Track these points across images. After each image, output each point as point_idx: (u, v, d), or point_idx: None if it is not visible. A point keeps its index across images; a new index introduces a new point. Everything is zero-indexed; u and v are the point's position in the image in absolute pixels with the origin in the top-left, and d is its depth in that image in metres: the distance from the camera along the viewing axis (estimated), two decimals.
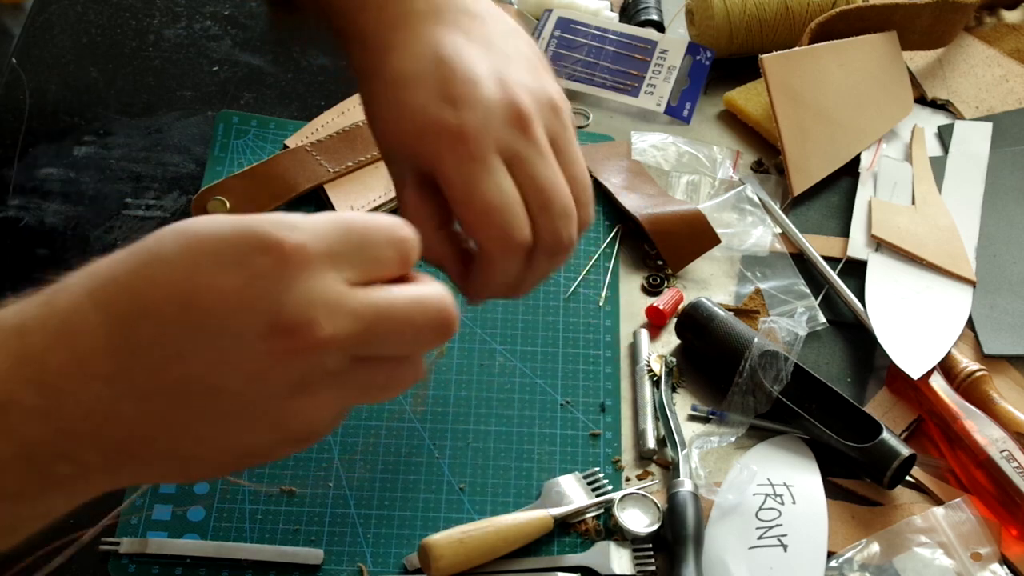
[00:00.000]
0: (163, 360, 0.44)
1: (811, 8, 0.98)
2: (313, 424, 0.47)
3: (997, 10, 1.07)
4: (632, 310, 0.83)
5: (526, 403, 0.77)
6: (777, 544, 0.71)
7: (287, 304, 0.44)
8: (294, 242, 0.44)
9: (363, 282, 0.47)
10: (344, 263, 0.46)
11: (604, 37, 0.99)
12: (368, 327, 0.46)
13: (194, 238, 0.45)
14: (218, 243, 0.44)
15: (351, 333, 0.45)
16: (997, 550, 0.71)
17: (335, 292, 0.45)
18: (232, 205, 0.85)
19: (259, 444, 0.47)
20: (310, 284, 0.44)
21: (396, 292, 0.47)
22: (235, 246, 0.44)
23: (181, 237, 0.45)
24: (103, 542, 0.69)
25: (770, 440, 0.77)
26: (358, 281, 0.46)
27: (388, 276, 0.48)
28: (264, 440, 0.47)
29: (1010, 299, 0.85)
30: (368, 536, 0.71)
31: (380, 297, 0.46)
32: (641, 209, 0.86)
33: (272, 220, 0.45)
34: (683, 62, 0.97)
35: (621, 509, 0.71)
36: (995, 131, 0.96)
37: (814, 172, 0.91)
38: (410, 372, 0.49)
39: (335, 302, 0.45)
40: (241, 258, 0.44)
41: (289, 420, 0.46)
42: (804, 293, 0.84)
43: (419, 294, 0.48)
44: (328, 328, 0.44)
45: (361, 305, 0.46)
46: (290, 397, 0.45)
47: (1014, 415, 0.76)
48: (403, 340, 0.48)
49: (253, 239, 0.44)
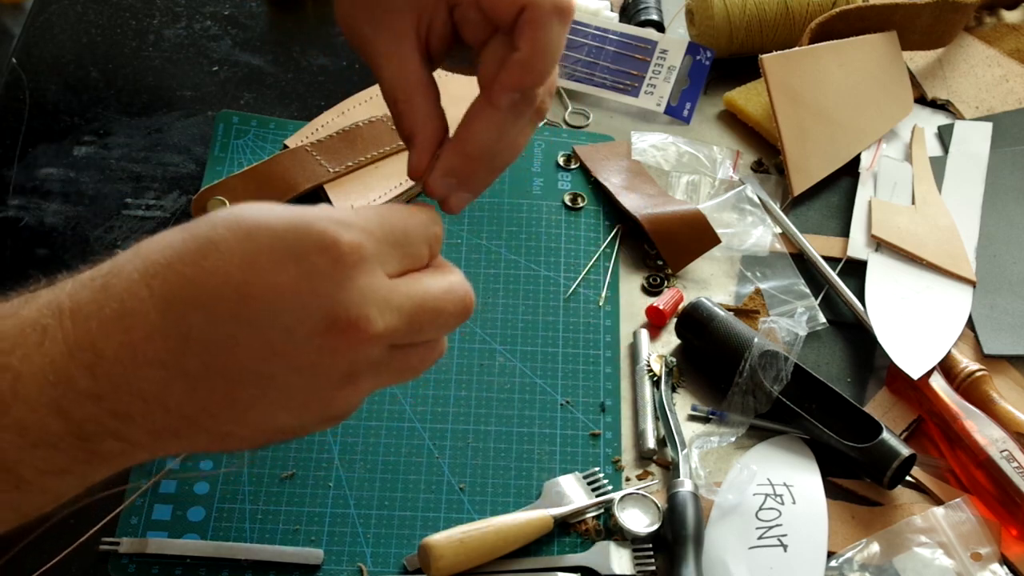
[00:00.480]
0: (215, 348, 0.45)
1: (811, 8, 0.98)
2: (351, 407, 0.50)
3: (997, 10, 1.07)
4: (632, 310, 0.83)
5: (526, 403, 0.77)
6: (777, 544, 0.71)
7: (342, 302, 0.46)
8: (350, 241, 0.46)
9: (400, 274, 0.49)
10: (388, 259, 0.49)
11: (604, 37, 0.99)
12: (411, 319, 0.49)
13: (251, 230, 0.46)
14: (274, 238, 0.46)
15: (398, 327, 0.48)
16: (997, 550, 0.71)
17: (384, 288, 0.47)
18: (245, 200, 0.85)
19: (298, 425, 0.49)
20: (364, 282, 0.46)
21: (431, 283, 0.50)
22: (291, 243, 0.46)
23: (237, 228, 0.46)
24: (103, 542, 0.69)
25: (770, 440, 0.77)
26: (396, 273, 0.49)
27: (420, 267, 0.51)
28: (303, 422, 0.49)
29: (1010, 299, 0.85)
30: (368, 536, 0.71)
31: (419, 289, 0.49)
32: (641, 209, 0.86)
33: (327, 217, 0.47)
34: (683, 62, 0.97)
35: (621, 509, 0.71)
36: (995, 131, 0.96)
37: (814, 172, 0.91)
38: (436, 351, 0.53)
39: (384, 299, 0.47)
40: (298, 255, 0.45)
41: (331, 406, 0.49)
42: (804, 293, 0.84)
43: (449, 283, 0.51)
44: (380, 324, 0.46)
45: (405, 299, 0.48)
46: (338, 388, 0.48)
47: (1014, 415, 0.76)
48: (437, 327, 0.51)
49: (309, 237, 0.46)
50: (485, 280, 0.84)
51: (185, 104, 0.93)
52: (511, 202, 0.88)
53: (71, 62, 0.96)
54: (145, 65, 0.96)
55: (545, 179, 0.90)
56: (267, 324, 0.45)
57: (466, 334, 0.81)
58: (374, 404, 0.77)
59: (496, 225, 0.87)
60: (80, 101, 0.93)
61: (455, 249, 0.85)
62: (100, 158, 0.89)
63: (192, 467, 0.73)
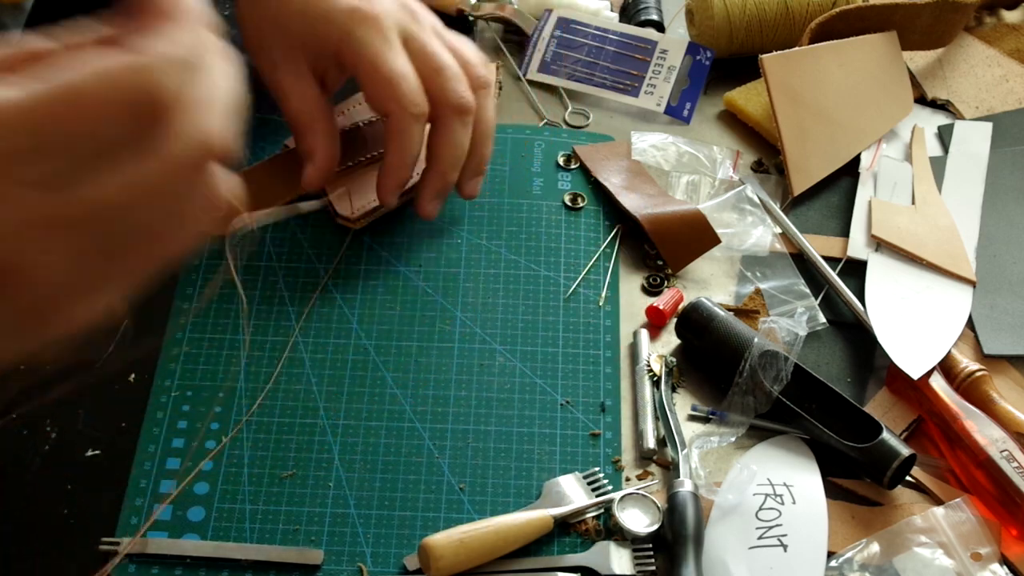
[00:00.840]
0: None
1: (811, 8, 0.98)
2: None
3: (997, 10, 1.07)
4: (632, 310, 0.83)
5: (526, 403, 0.77)
6: (777, 544, 0.71)
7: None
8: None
9: None
10: None
11: (604, 37, 0.99)
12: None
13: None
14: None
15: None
16: (997, 550, 0.71)
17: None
18: None
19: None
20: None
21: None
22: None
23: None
24: (103, 542, 0.69)
25: (770, 440, 0.77)
26: None
27: None
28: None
29: (1010, 299, 0.85)
30: (368, 536, 0.71)
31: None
32: (641, 209, 0.86)
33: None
34: (683, 62, 0.97)
35: (621, 509, 0.71)
36: (995, 131, 0.96)
37: (814, 172, 0.91)
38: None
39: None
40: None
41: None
42: (804, 293, 0.84)
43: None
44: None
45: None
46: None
47: (1014, 415, 0.76)
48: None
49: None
50: (485, 280, 0.84)
51: None
52: (511, 202, 0.88)
53: None
54: None
55: (545, 179, 0.90)
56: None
57: (466, 334, 0.81)
58: (374, 404, 0.77)
59: (496, 225, 0.87)
60: None
61: (455, 249, 0.85)
62: None
63: (192, 467, 0.73)
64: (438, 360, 0.79)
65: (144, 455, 0.73)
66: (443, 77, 0.76)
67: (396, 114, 0.75)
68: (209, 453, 0.74)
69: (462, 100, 0.76)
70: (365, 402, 0.77)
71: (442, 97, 0.76)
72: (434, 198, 0.80)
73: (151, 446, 0.74)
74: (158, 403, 0.76)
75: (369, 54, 0.74)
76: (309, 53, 0.76)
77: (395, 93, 0.74)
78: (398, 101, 0.74)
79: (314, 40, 0.76)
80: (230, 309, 0.81)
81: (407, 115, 0.75)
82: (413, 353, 0.80)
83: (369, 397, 0.77)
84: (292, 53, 0.77)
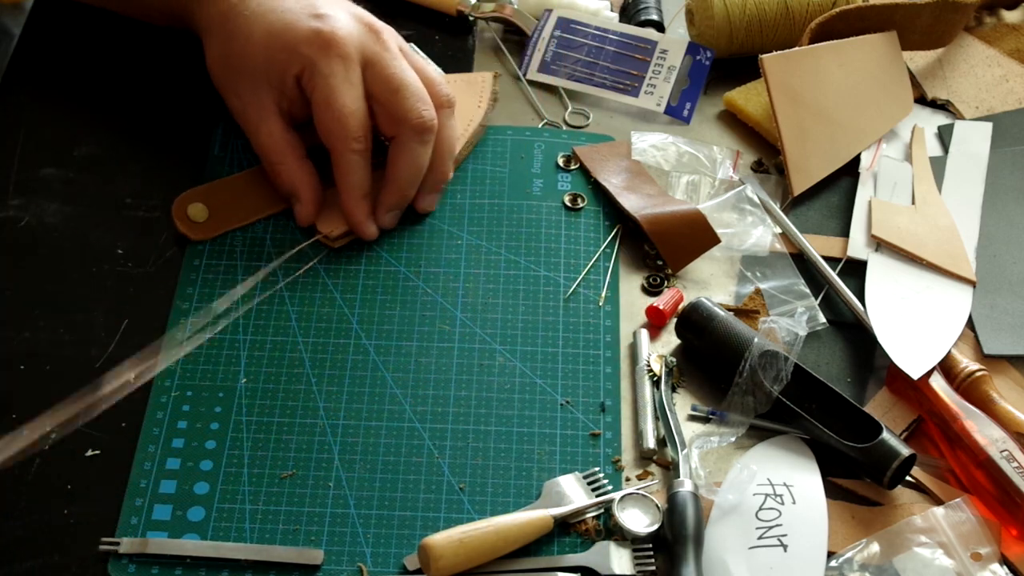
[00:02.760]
0: None
1: (811, 8, 0.98)
2: None
3: (997, 10, 1.07)
4: (632, 310, 0.83)
5: (526, 403, 0.77)
6: (777, 544, 0.71)
7: None
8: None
9: None
10: None
11: (604, 37, 0.99)
12: None
13: None
14: None
15: None
16: (997, 550, 0.71)
17: None
18: (224, 208, 0.85)
19: None
20: None
21: None
22: None
23: None
24: (103, 542, 0.69)
25: (770, 440, 0.77)
26: None
27: None
28: None
29: (1010, 299, 0.85)
30: (368, 536, 0.71)
31: None
32: (641, 209, 0.86)
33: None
34: (683, 62, 0.97)
35: (621, 509, 0.71)
36: (995, 131, 0.96)
37: (814, 172, 0.91)
38: None
39: None
40: None
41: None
42: (804, 293, 0.84)
43: None
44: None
45: None
46: None
47: (1014, 415, 0.76)
48: None
49: None
50: (485, 280, 0.84)
51: (186, 104, 0.93)
52: (511, 203, 0.89)
53: (71, 62, 0.96)
54: (145, 65, 0.96)
55: (545, 180, 0.90)
56: None
57: (466, 334, 0.81)
58: (374, 404, 0.77)
59: (496, 225, 0.87)
60: (80, 101, 0.93)
61: (455, 249, 0.85)
62: (100, 158, 0.89)
63: (192, 467, 0.73)
64: (438, 360, 0.79)
65: (144, 455, 0.73)
66: (401, 97, 0.80)
67: (337, 149, 0.80)
68: (209, 453, 0.74)
69: (421, 119, 0.80)
70: (365, 402, 0.77)
71: (401, 117, 0.80)
72: (390, 210, 0.84)
73: (151, 446, 0.74)
74: (158, 403, 0.76)
75: (324, 88, 0.78)
76: (274, 87, 0.80)
77: (338, 130, 0.79)
78: (340, 138, 0.79)
79: (278, 72, 0.80)
80: (230, 309, 0.81)
81: (347, 151, 0.79)
82: (413, 353, 0.80)
83: (369, 397, 0.77)
84: (257, 91, 0.81)
